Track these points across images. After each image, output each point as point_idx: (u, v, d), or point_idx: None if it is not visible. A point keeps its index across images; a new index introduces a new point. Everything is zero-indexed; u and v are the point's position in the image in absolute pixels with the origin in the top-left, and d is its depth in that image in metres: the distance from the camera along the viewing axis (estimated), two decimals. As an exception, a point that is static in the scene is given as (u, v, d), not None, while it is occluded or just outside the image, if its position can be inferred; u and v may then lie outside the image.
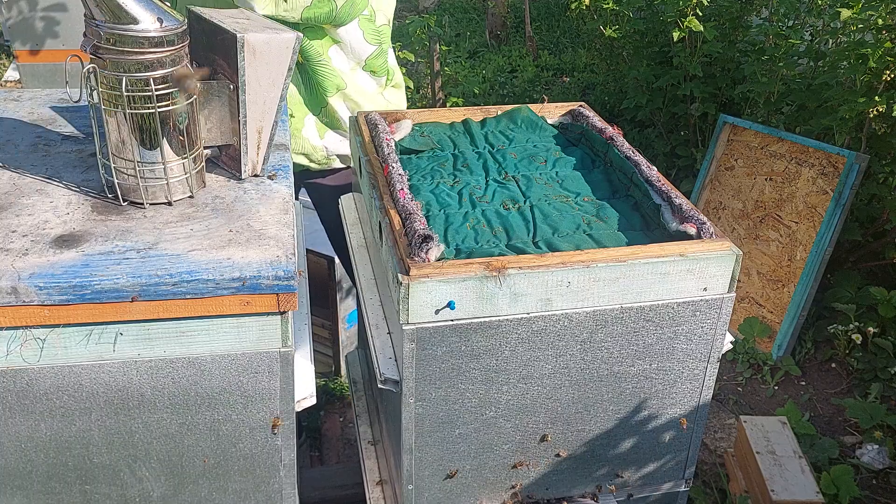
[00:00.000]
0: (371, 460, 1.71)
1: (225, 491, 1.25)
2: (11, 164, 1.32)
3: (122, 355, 1.11)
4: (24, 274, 1.04)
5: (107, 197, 1.24)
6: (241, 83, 1.22)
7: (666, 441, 1.43)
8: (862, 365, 2.75)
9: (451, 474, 1.34)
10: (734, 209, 3.17)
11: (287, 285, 1.10)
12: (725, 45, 3.36)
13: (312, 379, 1.30)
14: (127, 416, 1.15)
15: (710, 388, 1.39)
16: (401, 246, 1.21)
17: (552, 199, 1.45)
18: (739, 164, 3.17)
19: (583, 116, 1.72)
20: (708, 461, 2.41)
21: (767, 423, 2.25)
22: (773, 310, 2.92)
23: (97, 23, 1.10)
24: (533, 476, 1.40)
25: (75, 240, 1.12)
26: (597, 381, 1.32)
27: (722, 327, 1.32)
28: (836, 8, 2.86)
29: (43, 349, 1.08)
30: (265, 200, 1.26)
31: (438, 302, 1.17)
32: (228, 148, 1.33)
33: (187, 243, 1.13)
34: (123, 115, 1.15)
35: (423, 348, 1.20)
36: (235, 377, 1.15)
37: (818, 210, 2.83)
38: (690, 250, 1.25)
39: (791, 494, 2.03)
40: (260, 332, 1.13)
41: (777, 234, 2.98)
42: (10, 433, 1.13)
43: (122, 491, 1.22)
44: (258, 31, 1.21)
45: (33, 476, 1.18)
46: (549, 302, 1.22)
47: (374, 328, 1.36)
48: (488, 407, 1.29)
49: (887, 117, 2.70)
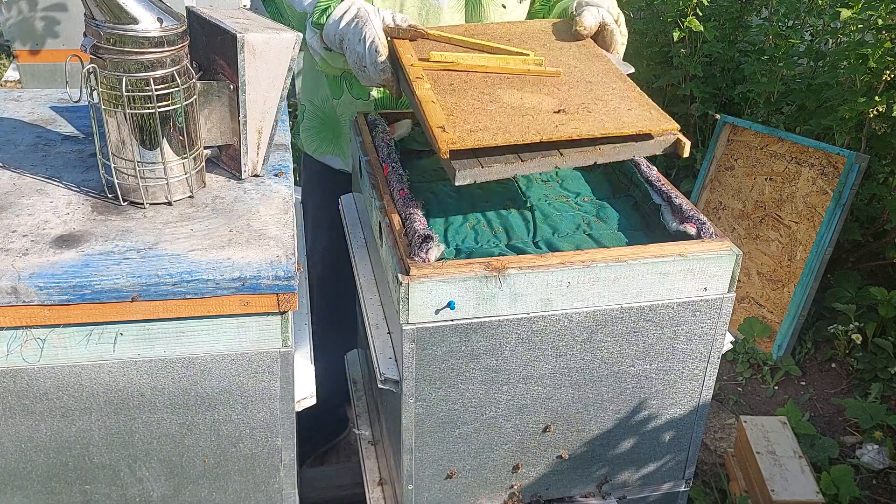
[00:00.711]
0: (371, 460, 1.71)
1: (225, 491, 1.25)
2: (11, 164, 1.32)
3: (122, 355, 1.11)
4: (24, 274, 1.04)
5: (107, 197, 1.24)
6: (241, 83, 1.22)
7: (666, 441, 1.43)
8: (862, 365, 2.75)
9: (451, 474, 1.34)
10: (734, 209, 3.17)
11: (287, 285, 1.10)
12: (725, 45, 3.36)
13: (312, 379, 1.30)
14: (127, 416, 1.15)
15: (710, 388, 1.39)
16: (401, 246, 1.21)
17: (552, 199, 1.45)
18: (739, 164, 3.17)
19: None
20: (708, 461, 2.41)
21: (767, 423, 2.25)
22: (773, 310, 2.93)
23: (97, 23, 1.10)
24: (533, 476, 1.40)
25: (75, 240, 1.12)
26: (597, 381, 1.32)
27: (722, 327, 1.32)
28: (836, 8, 2.86)
29: (43, 349, 1.08)
30: (265, 200, 1.26)
31: (438, 302, 1.17)
32: (228, 148, 1.33)
33: (187, 243, 1.13)
34: (123, 115, 1.15)
35: (423, 348, 1.20)
36: (235, 377, 1.16)
37: (818, 210, 2.83)
38: (690, 250, 1.25)
39: (791, 494, 2.03)
40: (260, 332, 1.13)
41: (777, 234, 2.98)
42: (10, 433, 1.13)
43: (122, 491, 1.22)
44: (258, 31, 1.21)
45: (33, 476, 1.18)
46: (549, 302, 1.22)
47: (374, 328, 1.36)
48: (488, 407, 1.29)
49: (887, 117, 2.70)
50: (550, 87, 1.38)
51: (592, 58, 1.50)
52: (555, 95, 1.35)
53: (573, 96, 1.35)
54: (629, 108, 1.31)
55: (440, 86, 1.36)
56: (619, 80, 1.41)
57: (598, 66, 1.47)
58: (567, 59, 1.48)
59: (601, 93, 1.36)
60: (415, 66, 1.40)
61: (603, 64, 1.48)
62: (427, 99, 1.29)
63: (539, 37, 1.59)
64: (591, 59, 1.50)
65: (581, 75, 1.43)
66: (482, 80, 1.40)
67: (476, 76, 1.41)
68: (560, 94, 1.35)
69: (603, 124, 1.25)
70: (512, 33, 1.59)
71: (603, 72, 1.44)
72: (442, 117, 1.25)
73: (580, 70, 1.45)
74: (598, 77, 1.42)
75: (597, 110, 1.29)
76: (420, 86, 1.34)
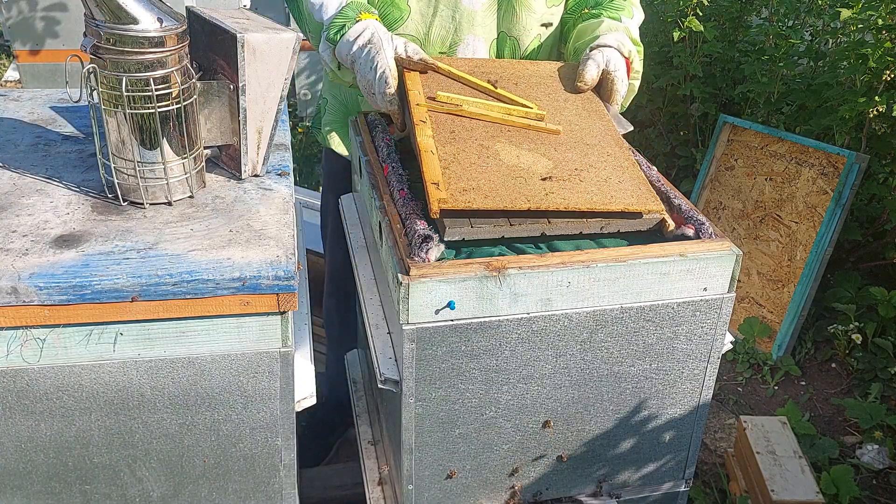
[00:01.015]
0: (371, 460, 1.71)
1: (225, 491, 1.25)
2: (11, 164, 1.32)
3: (122, 355, 1.11)
4: (24, 274, 1.04)
5: (107, 197, 1.24)
6: (241, 83, 1.22)
7: (666, 441, 1.43)
8: (862, 365, 2.75)
9: (451, 474, 1.34)
10: (734, 209, 3.17)
11: (287, 285, 1.10)
12: (725, 45, 3.36)
13: (312, 379, 1.30)
14: (127, 416, 1.15)
15: (710, 388, 1.39)
16: (401, 246, 1.21)
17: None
18: (739, 164, 3.17)
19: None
20: (708, 461, 2.41)
21: (767, 423, 2.25)
22: (773, 310, 2.93)
23: (97, 23, 1.10)
24: (533, 476, 1.40)
25: (75, 240, 1.12)
26: (597, 381, 1.32)
27: (722, 327, 1.32)
28: (836, 8, 2.86)
29: (43, 349, 1.08)
30: (265, 200, 1.26)
31: (438, 302, 1.17)
32: (228, 148, 1.33)
33: (187, 243, 1.13)
34: (123, 115, 1.15)
35: (423, 348, 1.20)
36: (235, 377, 1.16)
37: (818, 210, 2.83)
38: (690, 250, 1.25)
39: (791, 494, 2.03)
40: (260, 332, 1.13)
41: (777, 234, 2.98)
42: (10, 433, 1.14)
43: (122, 491, 1.22)
44: (258, 31, 1.22)
45: (33, 476, 1.18)
46: (549, 302, 1.22)
47: (374, 328, 1.36)
48: (488, 407, 1.29)
49: (887, 117, 2.70)
50: (548, 147, 1.40)
51: (593, 115, 1.52)
52: (551, 156, 1.37)
53: (568, 159, 1.37)
54: (620, 180, 1.33)
55: (441, 133, 1.38)
56: (616, 146, 1.43)
57: (598, 125, 1.49)
58: (569, 115, 1.51)
59: (595, 159, 1.38)
60: (420, 106, 1.42)
61: (602, 123, 1.50)
62: (426, 149, 1.31)
63: (546, 82, 1.61)
64: (591, 115, 1.52)
65: (580, 135, 1.45)
66: (484, 129, 1.42)
67: (478, 124, 1.43)
68: (556, 156, 1.37)
69: (591, 198, 1.27)
70: (521, 74, 1.61)
71: (601, 133, 1.47)
72: (437, 172, 1.26)
73: (580, 128, 1.47)
74: (596, 139, 1.44)
75: (588, 179, 1.31)
76: (422, 131, 1.35)
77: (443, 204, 1.20)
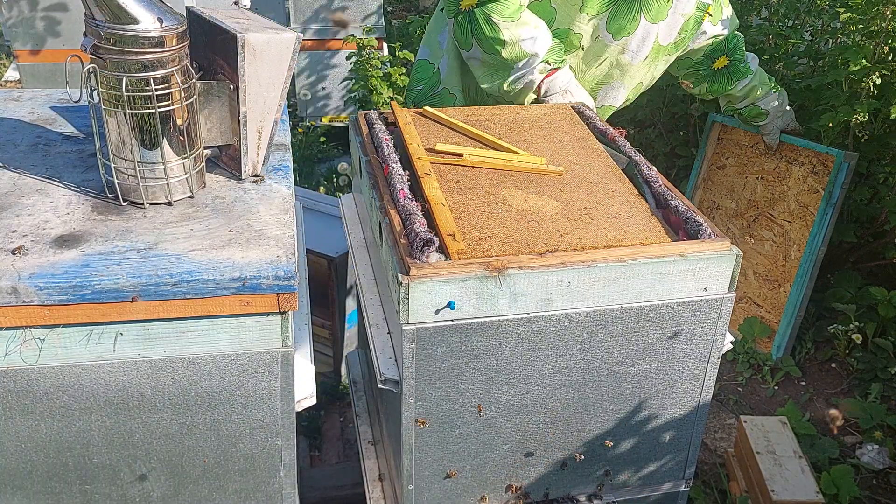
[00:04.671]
0: (371, 460, 1.71)
1: (225, 491, 1.25)
2: (11, 164, 1.32)
3: (122, 355, 1.11)
4: (24, 274, 1.04)
5: (107, 197, 1.24)
6: (241, 83, 1.22)
7: (666, 441, 1.43)
8: (862, 365, 2.74)
9: (451, 474, 1.34)
10: (727, 208, 3.17)
11: (287, 285, 1.10)
12: (725, 45, 3.35)
13: (312, 379, 1.30)
14: (127, 416, 1.15)
15: (710, 388, 1.39)
16: (401, 246, 1.21)
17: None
18: (730, 162, 3.16)
19: (584, 117, 1.72)
20: (708, 461, 2.41)
21: (767, 423, 2.25)
22: (771, 310, 2.92)
23: (97, 23, 1.10)
24: (533, 476, 1.40)
25: (75, 240, 1.12)
26: (597, 381, 1.32)
27: (722, 327, 1.32)
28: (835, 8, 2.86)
29: (43, 349, 1.08)
30: (265, 200, 1.26)
31: (438, 302, 1.17)
32: (228, 148, 1.33)
33: (187, 243, 1.13)
34: (123, 115, 1.15)
35: (423, 348, 1.20)
36: (235, 377, 1.16)
37: (810, 209, 2.82)
38: (690, 250, 1.25)
39: (791, 494, 2.03)
40: (260, 332, 1.13)
41: (771, 234, 2.98)
42: (10, 433, 1.13)
43: (122, 491, 1.22)
44: (258, 31, 1.21)
45: (33, 476, 1.18)
46: (549, 302, 1.22)
47: (374, 328, 1.36)
48: (488, 407, 1.29)
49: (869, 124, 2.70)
50: (553, 188, 1.41)
51: (591, 153, 1.55)
52: (558, 198, 1.38)
53: (576, 199, 1.38)
54: (630, 215, 1.34)
55: (447, 183, 1.39)
56: (619, 182, 1.45)
57: (598, 162, 1.51)
58: (567, 155, 1.53)
59: (602, 196, 1.39)
60: (422, 159, 1.43)
61: (601, 160, 1.52)
62: (436, 201, 1.31)
63: (539, 125, 1.64)
64: (590, 154, 1.54)
65: (582, 174, 1.46)
66: (487, 177, 1.43)
67: (481, 172, 1.44)
68: (563, 196, 1.38)
69: (606, 235, 1.28)
70: (514, 119, 1.65)
71: (602, 170, 1.48)
72: (451, 223, 1.27)
73: (580, 167, 1.49)
74: (598, 176, 1.46)
75: (598, 217, 1.33)
76: (428, 184, 1.36)
77: (461, 255, 1.20)
